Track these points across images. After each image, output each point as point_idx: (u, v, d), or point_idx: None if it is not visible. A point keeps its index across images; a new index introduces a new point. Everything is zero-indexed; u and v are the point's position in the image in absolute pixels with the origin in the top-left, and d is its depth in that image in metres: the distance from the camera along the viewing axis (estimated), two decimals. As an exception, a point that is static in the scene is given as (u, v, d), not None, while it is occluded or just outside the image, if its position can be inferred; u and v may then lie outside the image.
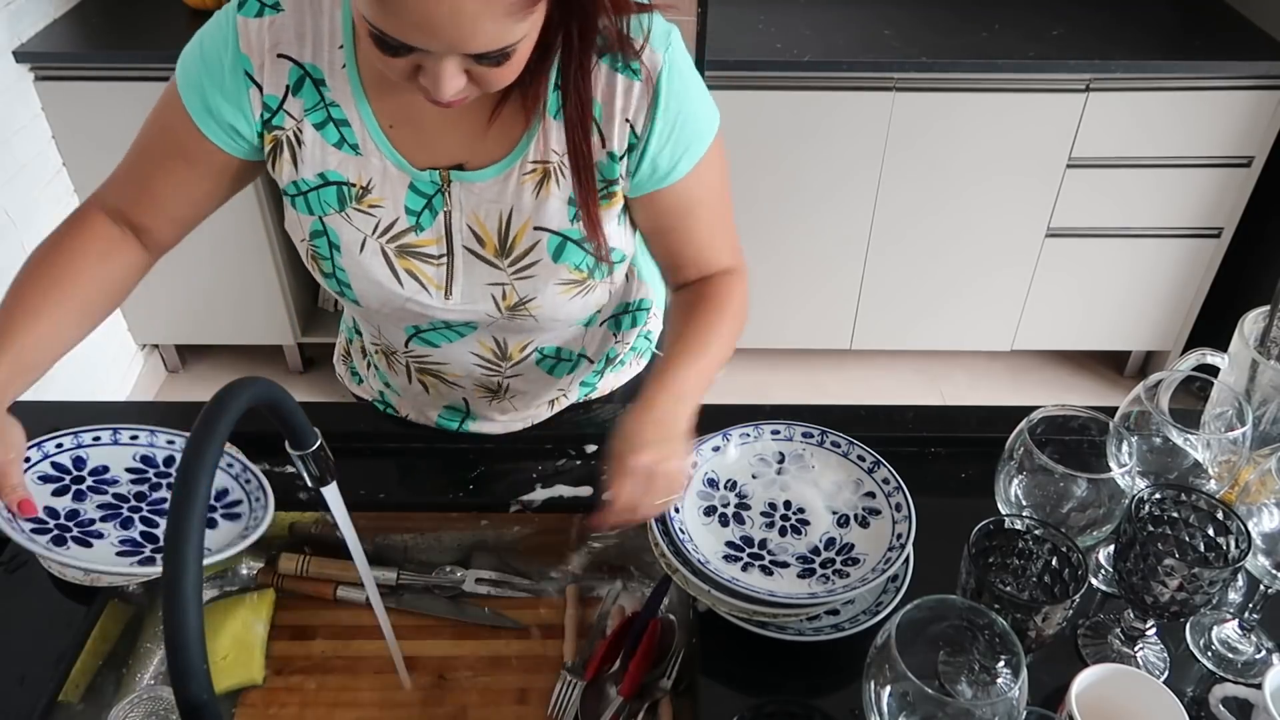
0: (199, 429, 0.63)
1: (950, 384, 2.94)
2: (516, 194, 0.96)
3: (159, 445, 1.06)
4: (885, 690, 0.76)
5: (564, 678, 1.01)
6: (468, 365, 1.11)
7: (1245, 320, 1.02)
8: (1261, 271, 2.61)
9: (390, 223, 0.98)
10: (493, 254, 0.99)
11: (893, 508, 1.01)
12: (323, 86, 0.93)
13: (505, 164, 0.95)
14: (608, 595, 1.11)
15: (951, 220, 2.55)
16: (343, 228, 0.98)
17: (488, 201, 0.97)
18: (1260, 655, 0.96)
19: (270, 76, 0.92)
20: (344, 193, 0.96)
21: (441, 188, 0.96)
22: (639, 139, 0.94)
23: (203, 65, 0.93)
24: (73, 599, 1.00)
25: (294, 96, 0.93)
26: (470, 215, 0.97)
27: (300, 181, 0.97)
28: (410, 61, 0.79)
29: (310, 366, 2.92)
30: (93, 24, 2.42)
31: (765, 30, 2.40)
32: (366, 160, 0.95)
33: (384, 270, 0.99)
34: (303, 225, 0.99)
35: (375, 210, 0.97)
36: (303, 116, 0.94)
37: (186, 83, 0.94)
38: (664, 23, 0.94)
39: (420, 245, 0.99)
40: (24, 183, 2.29)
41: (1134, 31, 2.42)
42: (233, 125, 0.95)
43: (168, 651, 0.58)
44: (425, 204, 0.97)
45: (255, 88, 0.93)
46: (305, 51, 0.92)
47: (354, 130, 0.94)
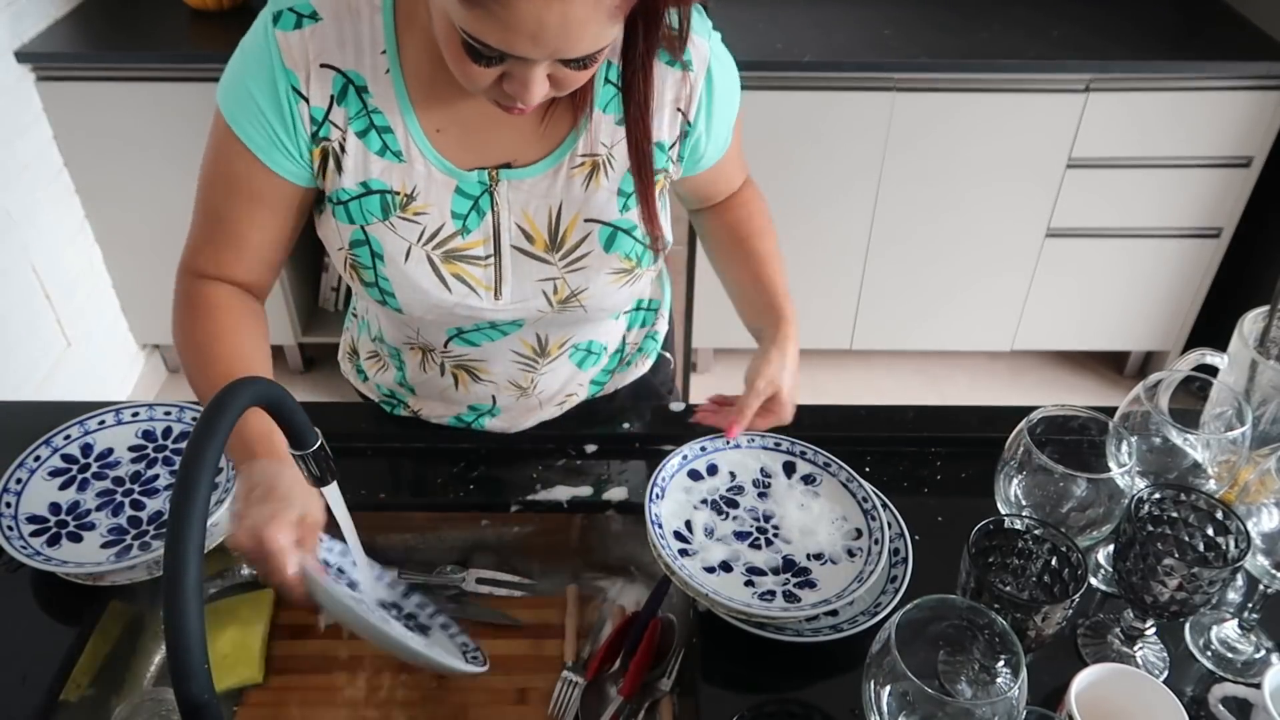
0: (199, 429, 0.63)
1: (950, 384, 2.94)
2: (566, 188, 0.97)
3: (158, 418, 1.09)
4: (885, 690, 0.76)
5: (564, 678, 1.01)
6: (505, 362, 1.11)
7: (1245, 320, 1.02)
8: (1261, 271, 2.61)
9: (437, 229, 0.97)
10: (543, 249, 0.99)
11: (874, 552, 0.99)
12: (365, 94, 0.91)
13: (554, 158, 0.96)
14: (608, 595, 1.11)
15: (951, 220, 2.55)
16: (386, 237, 0.96)
17: (537, 197, 0.97)
18: (1260, 655, 0.96)
19: (315, 88, 0.90)
20: (387, 201, 0.95)
21: (489, 187, 0.96)
22: (693, 127, 0.98)
23: (252, 94, 0.90)
24: (73, 599, 1.00)
25: (339, 106, 0.91)
26: (519, 212, 0.97)
27: (341, 191, 0.95)
28: (499, 70, 0.79)
29: (310, 366, 2.93)
30: (94, 24, 2.42)
31: (765, 30, 2.40)
32: (410, 167, 0.94)
33: (430, 278, 0.98)
34: (342, 235, 0.97)
35: (420, 218, 0.96)
36: (346, 125, 0.92)
37: (240, 118, 0.91)
38: (699, 10, 0.97)
39: (467, 248, 0.98)
40: (26, 183, 2.30)
41: (1134, 31, 2.42)
42: (294, 152, 0.93)
43: (168, 651, 0.58)
44: (472, 205, 0.96)
45: (303, 102, 0.90)
46: (348, 59, 0.90)
47: (397, 137, 0.93)
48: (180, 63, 2.29)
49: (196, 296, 0.99)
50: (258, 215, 0.96)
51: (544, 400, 1.18)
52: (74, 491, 1.04)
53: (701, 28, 0.96)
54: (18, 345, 2.28)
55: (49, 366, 2.39)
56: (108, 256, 2.60)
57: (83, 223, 2.52)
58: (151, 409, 1.10)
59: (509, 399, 1.17)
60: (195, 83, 2.30)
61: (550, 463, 1.16)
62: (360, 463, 1.16)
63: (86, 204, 2.51)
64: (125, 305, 2.69)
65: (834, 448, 1.13)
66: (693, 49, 0.95)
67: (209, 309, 0.98)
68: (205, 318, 0.98)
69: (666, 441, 1.18)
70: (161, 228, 2.53)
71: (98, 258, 2.58)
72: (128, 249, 2.58)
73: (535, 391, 1.16)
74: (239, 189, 0.95)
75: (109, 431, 1.09)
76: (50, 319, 2.40)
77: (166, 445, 1.10)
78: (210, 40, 2.33)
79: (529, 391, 1.16)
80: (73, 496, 1.04)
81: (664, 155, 0.98)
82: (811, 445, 1.09)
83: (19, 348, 2.28)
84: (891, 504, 1.06)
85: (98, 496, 1.04)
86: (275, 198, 0.95)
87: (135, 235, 2.56)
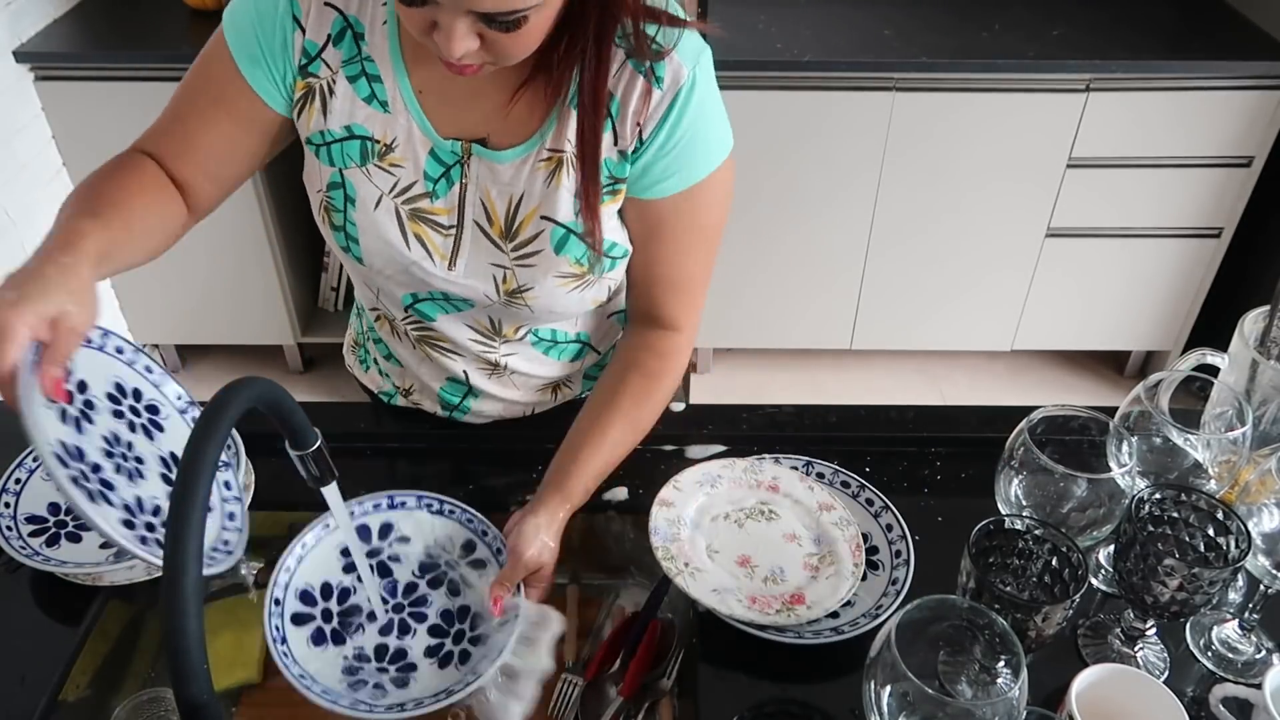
0: (198, 429, 0.63)
1: (950, 384, 2.94)
2: (530, 180, 0.97)
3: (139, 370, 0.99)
4: (885, 690, 0.76)
5: (564, 678, 1.01)
6: (463, 339, 1.11)
7: (1245, 320, 1.02)
8: (1261, 271, 2.60)
9: (408, 184, 0.99)
10: (498, 235, 1.00)
11: None
12: (362, 40, 0.94)
13: (524, 149, 0.96)
14: (608, 595, 1.11)
15: (952, 220, 2.55)
16: (361, 182, 0.99)
17: (503, 183, 0.98)
18: (1260, 655, 0.96)
19: (315, 22, 0.94)
20: (367, 148, 0.97)
21: (461, 159, 0.97)
22: (642, 144, 0.95)
23: (255, 10, 0.94)
24: (72, 599, 1.00)
25: (334, 47, 0.95)
26: (484, 191, 0.99)
27: (326, 132, 0.98)
28: (425, 15, 0.80)
29: (310, 366, 2.92)
30: (93, 24, 2.42)
31: (765, 30, 2.40)
32: (394, 119, 0.96)
33: (394, 230, 1.00)
34: (322, 176, 1.00)
35: (395, 169, 0.98)
36: (339, 67, 0.95)
37: (234, 28, 0.95)
38: (698, 42, 0.95)
39: (433, 212, 1.00)
40: (24, 183, 2.30)
41: (1134, 31, 2.42)
42: (277, 75, 0.96)
43: (168, 652, 0.58)
44: (444, 172, 0.98)
45: (300, 30, 0.94)
46: (351, 4, 0.93)
47: (385, 88, 0.95)
48: (180, 62, 2.28)
49: (121, 165, 0.97)
50: (218, 119, 0.98)
51: (523, 384, 1.18)
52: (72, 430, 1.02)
53: (689, 56, 0.93)
54: (17, 345, 2.27)
55: (48, 366, 2.39)
56: (107, 256, 2.59)
57: (82, 222, 2.52)
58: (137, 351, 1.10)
59: (482, 377, 1.17)
60: (195, 82, 2.30)
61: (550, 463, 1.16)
62: (360, 462, 1.15)
63: (86, 204, 2.50)
64: (124, 305, 2.69)
65: (834, 448, 1.13)
66: (669, 67, 0.93)
67: (122, 166, 0.97)
68: (112, 169, 0.96)
69: (667, 442, 1.18)
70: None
71: (97, 257, 2.58)
72: (127, 249, 2.58)
73: (508, 373, 1.16)
74: (208, 90, 0.98)
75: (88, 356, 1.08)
76: (50, 319, 2.40)
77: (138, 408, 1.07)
78: (210, 40, 2.33)
79: (501, 372, 1.16)
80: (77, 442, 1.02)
81: (625, 166, 0.97)
82: None
83: (18, 347, 2.28)
84: (891, 504, 1.06)
85: None
86: (241, 109, 0.97)
87: (135, 235, 2.55)
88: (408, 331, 1.14)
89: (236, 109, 0.97)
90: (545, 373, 1.18)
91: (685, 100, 0.94)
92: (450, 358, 1.15)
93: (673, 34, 0.93)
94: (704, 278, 1.07)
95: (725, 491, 1.07)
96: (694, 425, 1.22)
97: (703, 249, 1.05)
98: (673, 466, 1.10)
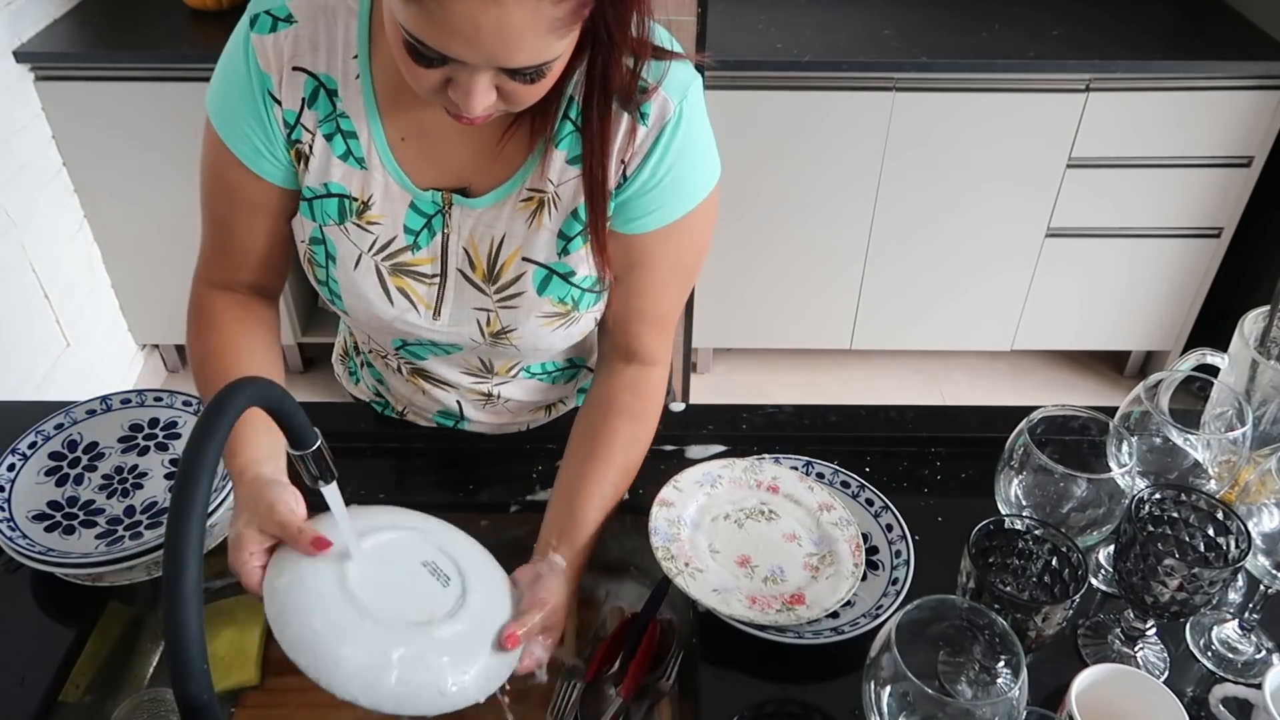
0: (198, 429, 0.63)
1: (950, 384, 2.94)
2: (510, 220, 0.95)
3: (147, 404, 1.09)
4: (885, 690, 0.76)
5: (563, 679, 1.01)
6: (456, 375, 1.11)
7: (1245, 320, 1.02)
8: (1261, 271, 2.61)
9: (388, 240, 0.97)
10: (481, 278, 0.99)
11: None
12: (335, 97, 0.91)
13: (504, 190, 0.94)
14: (607, 596, 1.11)
15: (951, 220, 2.55)
16: (340, 241, 0.97)
17: (483, 225, 0.96)
18: (1260, 655, 0.96)
19: (288, 91, 0.91)
20: (345, 206, 0.96)
21: (442, 209, 0.96)
22: (626, 180, 0.93)
23: (234, 101, 0.92)
24: (71, 599, 1.00)
25: (309, 109, 0.92)
26: (467, 237, 0.97)
27: (306, 189, 0.96)
28: (442, 74, 0.78)
29: (310, 366, 2.92)
30: (93, 24, 2.42)
31: (765, 30, 2.40)
32: (370, 175, 0.94)
33: (375, 288, 0.99)
34: (304, 229, 0.99)
35: (373, 227, 0.96)
36: (315, 127, 0.92)
37: (225, 124, 0.93)
38: (688, 73, 0.91)
39: (415, 264, 0.98)
40: (24, 183, 2.30)
41: (1134, 31, 2.42)
42: (279, 157, 0.94)
43: (168, 652, 0.58)
44: (425, 224, 0.96)
45: (277, 105, 0.91)
46: (320, 62, 0.90)
47: (361, 143, 0.93)
48: (179, 62, 2.29)
49: (207, 307, 1.02)
50: (257, 223, 0.98)
51: (516, 409, 1.18)
52: (70, 487, 1.04)
53: (676, 90, 0.90)
54: (17, 345, 2.28)
55: (48, 366, 2.39)
56: (107, 256, 2.60)
57: (81, 223, 2.52)
58: (142, 395, 1.11)
59: (475, 408, 1.17)
60: (194, 82, 2.30)
61: (550, 463, 1.16)
62: (360, 463, 1.15)
63: (85, 204, 2.50)
64: (124, 305, 2.69)
65: (834, 448, 1.13)
66: (655, 103, 0.89)
67: (217, 320, 1.01)
68: (214, 329, 1.00)
69: (667, 442, 1.18)
70: (161, 227, 2.53)
71: (96, 257, 2.58)
72: (127, 249, 2.58)
73: (501, 402, 1.16)
74: (236, 199, 0.97)
75: (96, 421, 1.10)
76: (49, 319, 2.40)
77: (155, 434, 1.10)
78: (209, 40, 2.33)
79: (495, 401, 1.15)
80: (69, 492, 1.04)
81: (610, 203, 0.94)
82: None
83: (18, 348, 2.28)
84: (891, 504, 1.06)
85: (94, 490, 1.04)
86: (270, 204, 0.97)
87: (134, 235, 2.55)
88: (399, 367, 1.14)
89: (268, 206, 0.97)
90: (539, 398, 1.18)
91: (670, 136, 0.91)
92: (443, 389, 1.14)
93: (659, 68, 0.89)
94: (678, 311, 1.06)
95: (725, 491, 1.07)
96: (694, 425, 1.22)
97: (682, 283, 1.03)
98: (673, 466, 1.10)
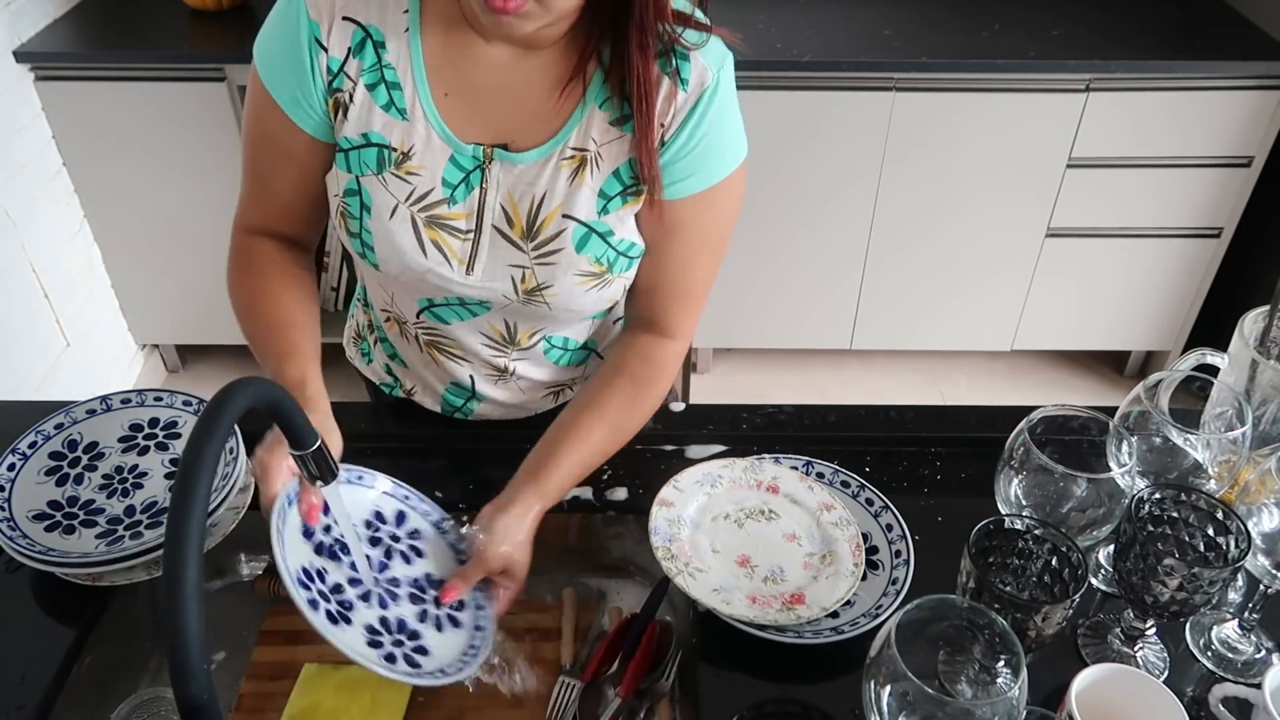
0: (199, 429, 0.63)
1: (950, 384, 2.94)
2: (552, 179, 0.97)
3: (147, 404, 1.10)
4: (885, 690, 0.76)
5: (562, 680, 1.01)
6: (475, 345, 1.11)
7: (1245, 320, 1.02)
8: (1261, 271, 2.61)
9: (425, 192, 0.99)
10: (519, 235, 1.00)
11: None
12: (381, 49, 0.94)
13: (548, 148, 0.97)
14: (606, 596, 1.11)
15: (951, 220, 2.55)
16: (377, 191, 0.99)
17: (525, 183, 0.98)
18: (1260, 655, 0.96)
19: (336, 39, 0.94)
20: (384, 156, 0.97)
21: (482, 164, 0.97)
22: (664, 144, 0.96)
23: (281, 50, 0.94)
24: (72, 599, 1.00)
25: (354, 58, 0.94)
26: (505, 195, 0.99)
27: (344, 140, 0.98)
28: None
29: (310, 366, 2.92)
30: (93, 24, 2.42)
31: (765, 30, 2.40)
32: (412, 127, 0.96)
33: (410, 239, 1.00)
34: (339, 182, 1.00)
35: (411, 178, 0.98)
36: (358, 77, 0.95)
37: (268, 70, 0.96)
38: (722, 48, 0.96)
39: (450, 218, 1.00)
40: (24, 183, 2.30)
41: (1134, 31, 2.42)
42: (318, 107, 0.96)
43: (168, 651, 0.58)
44: (463, 178, 0.98)
45: (323, 52, 0.94)
46: (370, 14, 0.93)
47: (405, 95, 0.95)
48: (179, 62, 2.29)
49: (245, 253, 1.06)
50: (292, 173, 1.01)
51: (527, 388, 1.18)
52: (70, 487, 1.04)
53: (715, 59, 0.95)
54: (17, 345, 2.28)
55: (48, 366, 2.39)
56: (107, 256, 2.60)
57: (81, 222, 2.52)
58: (142, 395, 1.12)
59: (488, 383, 1.17)
60: (194, 83, 2.30)
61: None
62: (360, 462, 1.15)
63: (85, 204, 2.51)
64: (124, 305, 2.69)
65: (834, 448, 1.13)
66: (694, 69, 0.94)
67: (256, 266, 1.05)
68: (253, 274, 1.04)
69: (667, 442, 1.18)
70: (160, 227, 2.53)
71: (96, 257, 2.58)
72: (127, 249, 2.58)
73: (515, 379, 1.16)
74: (274, 146, 1.00)
75: (96, 421, 1.10)
76: (49, 319, 2.40)
77: (155, 434, 1.10)
78: (209, 40, 2.33)
79: (508, 378, 1.16)
80: (69, 492, 1.04)
81: None
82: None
83: (18, 348, 2.28)
84: (891, 504, 1.06)
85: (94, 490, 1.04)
86: (306, 154, 1.00)
87: (134, 235, 2.55)
88: (417, 335, 1.14)
89: (303, 156, 1.00)
90: (550, 378, 1.18)
91: (708, 103, 0.95)
92: (458, 363, 1.15)
93: (699, 37, 0.94)
94: (706, 286, 1.08)
95: (725, 491, 1.07)
96: (694, 425, 1.22)
97: (710, 255, 1.05)
98: (673, 466, 1.10)
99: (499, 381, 1.17)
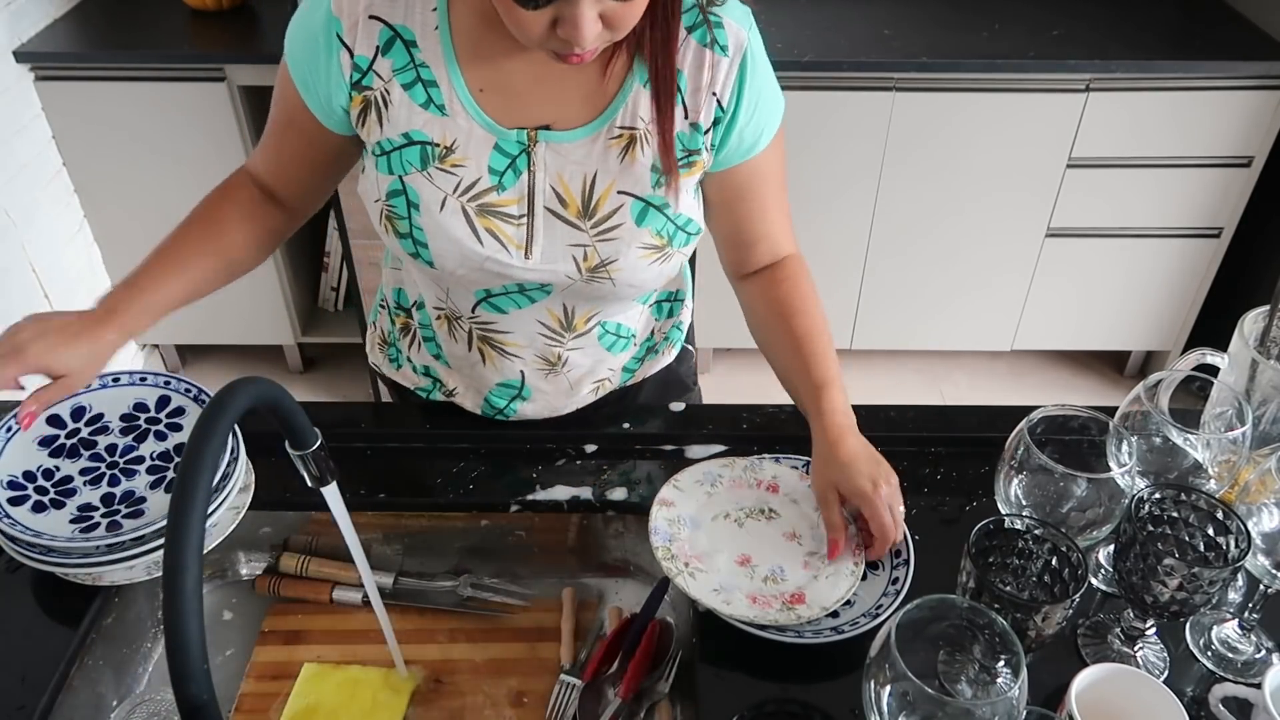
0: (198, 429, 0.63)
1: (950, 384, 2.94)
2: (603, 157, 0.98)
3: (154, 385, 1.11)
4: (885, 690, 0.76)
5: (562, 680, 1.01)
6: (531, 334, 1.11)
7: (1245, 320, 1.02)
8: (1261, 271, 2.61)
9: (472, 182, 0.99)
10: (575, 215, 1.00)
11: None
12: (413, 48, 0.95)
13: (594, 127, 0.98)
14: (606, 597, 1.11)
15: (951, 220, 2.55)
16: (423, 186, 0.99)
17: (573, 163, 0.99)
18: (1260, 655, 0.96)
19: (361, 38, 0.95)
20: (427, 152, 0.98)
21: (527, 148, 0.98)
22: (725, 112, 0.98)
23: (303, 36, 0.97)
24: (73, 599, 1.00)
25: (383, 57, 0.96)
26: (554, 176, 0.99)
27: (384, 142, 0.99)
28: (549, 14, 0.82)
29: (310, 366, 2.92)
30: (93, 24, 2.42)
31: (765, 30, 2.40)
32: (452, 120, 0.97)
33: (464, 228, 1.00)
34: (380, 186, 1.01)
35: (457, 170, 0.98)
36: (391, 76, 0.96)
37: (291, 51, 0.99)
38: (742, 5, 1.00)
39: (501, 205, 1.00)
40: (24, 182, 2.30)
41: (1134, 31, 2.42)
42: (330, 97, 0.99)
43: (168, 652, 0.58)
44: (509, 164, 0.99)
45: (345, 50, 0.95)
46: (397, 13, 0.95)
47: (442, 91, 0.96)
48: (179, 62, 2.29)
49: (229, 181, 1.12)
50: (290, 138, 1.06)
51: (575, 381, 1.18)
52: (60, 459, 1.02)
53: (743, 19, 0.99)
54: (17, 345, 2.27)
55: (48, 366, 2.39)
56: (107, 256, 2.60)
57: (82, 222, 2.52)
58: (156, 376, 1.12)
59: (538, 376, 1.16)
60: (194, 82, 2.30)
61: (550, 463, 1.16)
62: (359, 463, 1.16)
63: (85, 204, 2.51)
64: (125, 305, 2.68)
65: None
66: (729, 34, 0.97)
67: (227, 191, 1.11)
68: (217, 192, 1.11)
69: (666, 442, 1.18)
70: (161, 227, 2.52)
71: (97, 257, 2.58)
72: (127, 249, 2.58)
73: (565, 370, 1.16)
74: (284, 110, 1.04)
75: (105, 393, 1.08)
76: (49, 319, 2.40)
77: (159, 418, 1.08)
78: (209, 40, 2.33)
79: (559, 369, 1.15)
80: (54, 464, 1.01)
81: (699, 138, 0.99)
82: None
83: (18, 348, 2.28)
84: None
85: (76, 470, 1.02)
86: (307, 130, 1.03)
87: (134, 235, 2.55)
88: (471, 331, 1.13)
89: (304, 130, 1.03)
90: (599, 366, 1.19)
91: (752, 62, 0.99)
92: (510, 359, 1.14)
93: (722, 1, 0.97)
94: (788, 210, 1.13)
95: (725, 491, 1.07)
96: (694, 425, 1.22)
97: (783, 187, 1.10)
98: (673, 466, 1.10)
99: (549, 374, 1.16)
